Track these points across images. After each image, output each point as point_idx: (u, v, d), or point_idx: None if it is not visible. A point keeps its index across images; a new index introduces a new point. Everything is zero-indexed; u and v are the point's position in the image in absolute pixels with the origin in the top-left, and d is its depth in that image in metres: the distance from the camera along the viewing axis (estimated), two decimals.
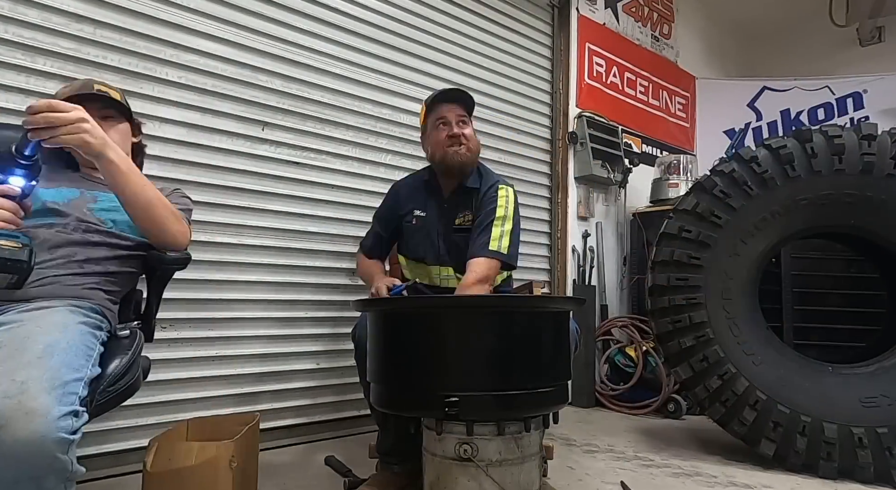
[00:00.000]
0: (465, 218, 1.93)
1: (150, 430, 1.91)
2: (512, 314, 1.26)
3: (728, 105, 4.75)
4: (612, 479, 1.93)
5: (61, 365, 0.87)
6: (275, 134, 2.35)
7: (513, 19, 3.40)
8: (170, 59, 2.09)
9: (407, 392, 1.26)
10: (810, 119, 4.52)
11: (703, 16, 4.89)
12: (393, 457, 1.70)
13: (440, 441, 1.27)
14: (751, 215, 2.17)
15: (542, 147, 3.57)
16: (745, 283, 2.19)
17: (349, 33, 2.61)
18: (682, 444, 2.45)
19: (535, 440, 1.33)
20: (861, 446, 1.93)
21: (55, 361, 0.87)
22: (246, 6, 2.28)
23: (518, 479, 1.27)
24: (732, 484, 1.92)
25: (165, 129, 2.08)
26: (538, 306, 1.32)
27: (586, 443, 2.41)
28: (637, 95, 4.15)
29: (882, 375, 2.05)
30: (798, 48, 5.03)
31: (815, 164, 2.11)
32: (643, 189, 3.83)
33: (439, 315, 1.24)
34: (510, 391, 1.21)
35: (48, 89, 1.84)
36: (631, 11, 4.16)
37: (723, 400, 2.11)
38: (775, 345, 2.19)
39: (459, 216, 1.93)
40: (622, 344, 3.35)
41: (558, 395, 1.30)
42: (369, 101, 2.66)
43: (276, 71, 2.36)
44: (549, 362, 1.29)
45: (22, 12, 1.80)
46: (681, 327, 2.17)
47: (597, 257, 3.63)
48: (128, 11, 2.00)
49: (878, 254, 2.35)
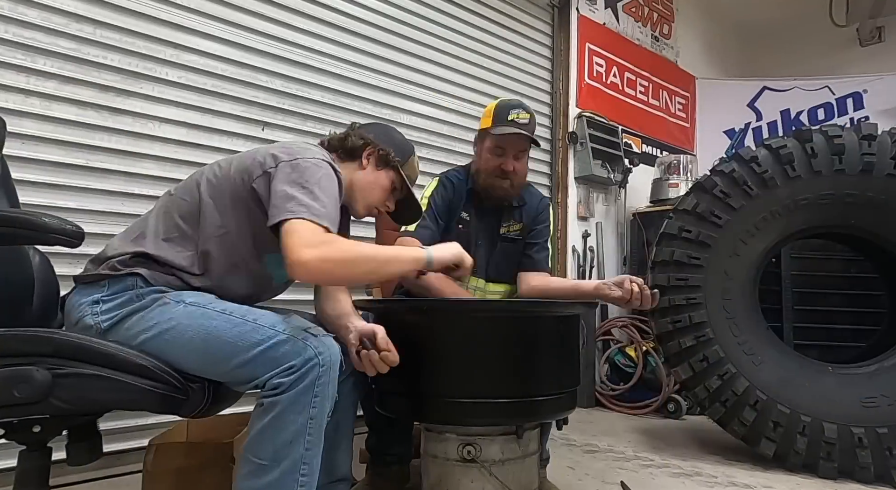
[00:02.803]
0: (512, 227, 1.85)
1: (150, 430, 1.91)
2: (522, 319, 1.25)
3: (728, 105, 4.75)
4: (612, 479, 1.92)
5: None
6: (275, 134, 2.35)
7: (513, 19, 3.40)
8: (170, 59, 2.09)
9: (413, 396, 1.26)
10: (810, 119, 4.52)
11: (703, 16, 4.89)
12: (386, 458, 1.69)
13: (442, 442, 1.27)
14: (751, 215, 2.17)
15: (542, 147, 3.56)
16: (745, 283, 2.19)
17: (349, 33, 2.61)
18: (682, 444, 2.45)
19: (535, 437, 1.33)
20: (861, 446, 1.93)
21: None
22: (246, 6, 2.28)
23: (519, 477, 1.27)
24: (732, 484, 1.92)
25: (165, 129, 2.08)
26: (548, 312, 1.31)
27: (586, 443, 2.41)
28: (637, 95, 4.15)
29: (882, 375, 2.05)
30: (798, 48, 5.03)
31: (816, 164, 2.11)
32: (643, 189, 3.83)
33: (452, 318, 1.24)
34: (521, 398, 1.21)
35: (48, 89, 1.84)
36: (631, 11, 4.16)
37: (723, 400, 2.10)
38: (775, 345, 2.19)
39: (505, 224, 1.84)
40: (622, 344, 3.34)
41: (567, 401, 1.31)
42: (369, 101, 2.66)
43: (276, 71, 2.36)
44: (560, 368, 1.29)
45: (22, 12, 1.80)
46: (681, 327, 2.17)
47: (597, 257, 3.63)
48: (128, 11, 2.00)
49: (878, 254, 2.34)
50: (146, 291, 1.07)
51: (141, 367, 0.99)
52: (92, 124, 1.93)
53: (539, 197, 1.93)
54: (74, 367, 0.94)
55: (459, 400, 1.19)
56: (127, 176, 2.00)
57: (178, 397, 1.02)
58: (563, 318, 1.31)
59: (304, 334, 1.02)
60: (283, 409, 0.98)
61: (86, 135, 1.92)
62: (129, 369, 0.98)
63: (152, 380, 0.99)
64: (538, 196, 1.93)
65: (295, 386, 0.98)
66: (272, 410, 0.98)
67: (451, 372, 1.21)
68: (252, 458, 1.00)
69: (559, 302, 1.67)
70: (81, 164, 1.91)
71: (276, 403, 0.98)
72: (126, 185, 2.00)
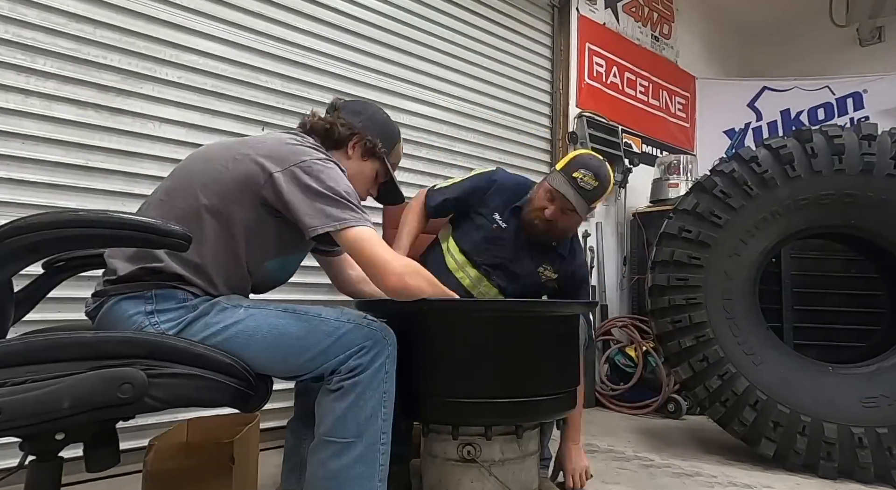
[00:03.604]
0: (547, 271, 1.84)
1: (150, 430, 1.91)
2: (523, 320, 1.25)
3: (728, 105, 4.76)
4: (612, 479, 1.93)
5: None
6: None
7: (513, 19, 3.40)
8: (170, 59, 2.09)
9: (414, 396, 1.26)
10: (810, 119, 4.52)
11: (703, 16, 4.89)
12: None
13: (442, 443, 1.27)
14: (751, 215, 2.17)
15: (542, 147, 3.57)
16: (745, 283, 2.19)
17: (349, 33, 2.61)
18: (682, 444, 2.45)
19: (534, 437, 1.33)
20: (861, 446, 1.93)
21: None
22: (246, 6, 2.28)
23: (520, 477, 1.27)
24: (732, 484, 1.92)
25: (165, 129, 2.08)
26: (549, 312, 1.31)
27: (586, 443, 2.40)
28: (637, 95, 4.15)
29: (882, 375, 2.05)
30: (798, 48, 5.03)
31: (816, 164, 2.11)
32: (643, 189, 3.83)
33: (452, 318, 1.24)
34: (521, 398, 1.21)
35: (48, 89, 1.84)
36: (631, 11, 4.16)
37: (723, 400, 2.11)
38: (775, 345, 2.19)
39: (544, 266, 1.84)
40: (622, 344, 3.35)
41: (567, 401, 1.31)
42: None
43: (276, 71, 2.36)
44: (560, 368, 1.29)
45: (22, 12, 1.80)
46: (681, 327, 2.17)
47: (597, 257, 3.63)
48: (128, 11, 2.00)
49: (878, 254, 2.34)
50: (198, 302, 1.10)
51: (228, 366, 1.05)
52: (92, 124, 1.93)
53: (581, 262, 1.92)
54: (168, 367, 0.98)
55: (459, 400, 1.19)
56: (127, 176, 2.00)
57: (249, 393, 1.09)
58: (563, 318, 1.30)
59: (366, 321, 1.13)
60: (364, 388, 1.08)
61: (86, 135, 1.92)
62: (217, 368, 1.04)
63: (235, 377, 1.06)
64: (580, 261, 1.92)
65: (371, 364, 1.08)
66: (354, 391, 1.07)
67: (451, 372, 1.21)
68: (336, 440, 1.07)
69: (559, 302, 1.67)
70: (81, 164, 1.91)
71: (357, 384, 1.07)
72: (126, 185, 2.00)
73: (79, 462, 1.04)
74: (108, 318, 1.10)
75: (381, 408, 1.10)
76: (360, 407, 1.07)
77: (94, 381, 0.90)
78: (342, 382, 1.07)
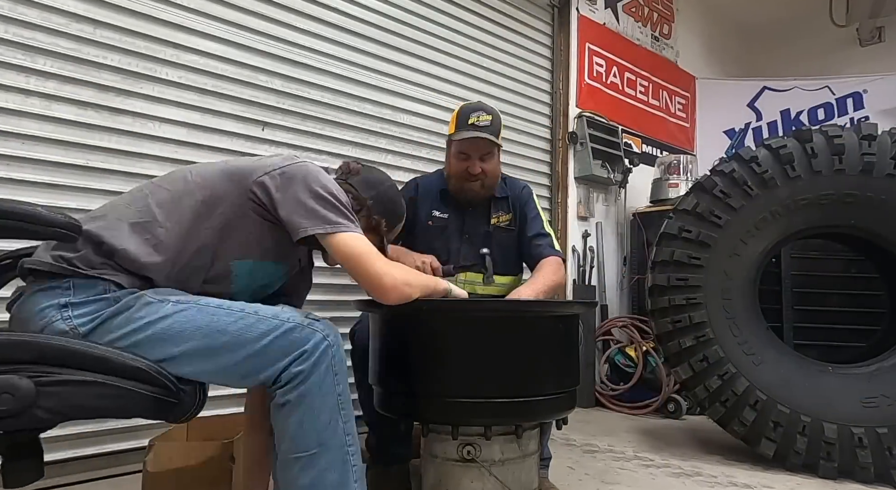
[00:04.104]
0: (502, 218, 1.91)
1: (150, 430, 1.91)
2: (522, 319, 1.26)
3: (728, 105, 4.76)
4: (612, 479, 1.93)
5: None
6: (275, 134, 2.35)
7: (513, 19, 3.40)
8: (170, 59, 2.09)
9: (413, 396, 1.26)
10: (810, 119, 4.52)
11: (703, 16, 4.89)
12: (386, 457, 1.69)
13: (442, 443, 1.27)
14: (751, 215, 2.17)
15: (542, 147, 3.56)
16: (745, 283, 2.19)
17: (349, 33, 2.61)
18: (682, 444, 2.45)
19: (534, 437, 1.33)
20: (861, 446, 1.93)
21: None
22: (246, 6, 2.28)
23: (519, 477, 1.27)
24: (732, 484, 1.92)
25: (165, 129, 2.08)
26: (548, 311, 1.31)
27: (586, 443, 2.41)
28: (637, 95, 4.15)
29: (882, 375, 2.05)
30: (798, 48, 5.03)
31: (816, 164, 2.11)
32: (643, 189, 3.83)
33: (451, 318, 1.24)
34: (521, 398, 1.21)
35: (48, 89, 1.84)
36: (631, 11, 4.16)
37: (723, 400, 2.11)
38: (775, 345, 2.19)
39: (494, 216, 1.90)
40: (622, 344, 3.34)
41: (567, 401, 1.31)
42: (369, 101, 2.66)
43: (276, 71, 2.36)
44: (560, 368, 1.29)
45: (22, 12, 1.79)
46: (681, 327, 2.17)
47: (597, 257, 3.63)
48: (128, 11, 1.99)
49: (878, 254, 2.34)
50: (122, 294, 1.00)
51: (136, 371, 0.92)
52: (92, 124, 1.93)
53: (521, 186, 1.99)
54: (60, 374, 0.86)
55: (459, 400, 1.19)
56: (127, 176, 2.00)
57: (169, 401, 0.97)
58: (563, 318, 1.31)
59: (308, 320, 1.04)
60: (313, 397, 1.00)
61: (86, 135, 1.92)
62: (123, 373, 0.91)
63: (148, 383, 0.93)
64: (519, 185, 1.99)
65: (315, 370, 1.00)
66: (302, 402, 0.99)
67: (451, 372, 1.21)
68: (298, 456, 1.00)
69: (559, 302, 1.68)
70: (81, 164, 1.91)
71: (304, 395, 0.99)
72: (126, 185, 1.99)
73: (72, 463, 1.02)
74: (21, 314, 1.00)
75: (339, 411, 1.03)
76: (314, 417, 1.00)
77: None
78: (287, 396, 0.99)
